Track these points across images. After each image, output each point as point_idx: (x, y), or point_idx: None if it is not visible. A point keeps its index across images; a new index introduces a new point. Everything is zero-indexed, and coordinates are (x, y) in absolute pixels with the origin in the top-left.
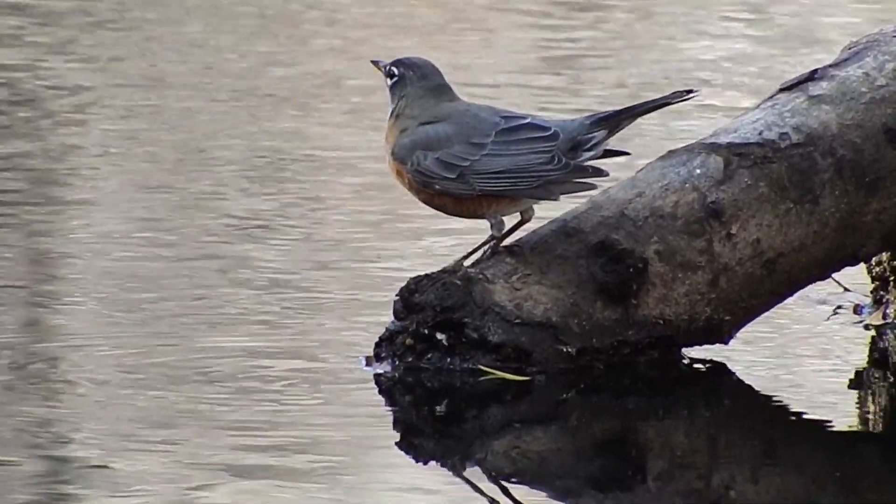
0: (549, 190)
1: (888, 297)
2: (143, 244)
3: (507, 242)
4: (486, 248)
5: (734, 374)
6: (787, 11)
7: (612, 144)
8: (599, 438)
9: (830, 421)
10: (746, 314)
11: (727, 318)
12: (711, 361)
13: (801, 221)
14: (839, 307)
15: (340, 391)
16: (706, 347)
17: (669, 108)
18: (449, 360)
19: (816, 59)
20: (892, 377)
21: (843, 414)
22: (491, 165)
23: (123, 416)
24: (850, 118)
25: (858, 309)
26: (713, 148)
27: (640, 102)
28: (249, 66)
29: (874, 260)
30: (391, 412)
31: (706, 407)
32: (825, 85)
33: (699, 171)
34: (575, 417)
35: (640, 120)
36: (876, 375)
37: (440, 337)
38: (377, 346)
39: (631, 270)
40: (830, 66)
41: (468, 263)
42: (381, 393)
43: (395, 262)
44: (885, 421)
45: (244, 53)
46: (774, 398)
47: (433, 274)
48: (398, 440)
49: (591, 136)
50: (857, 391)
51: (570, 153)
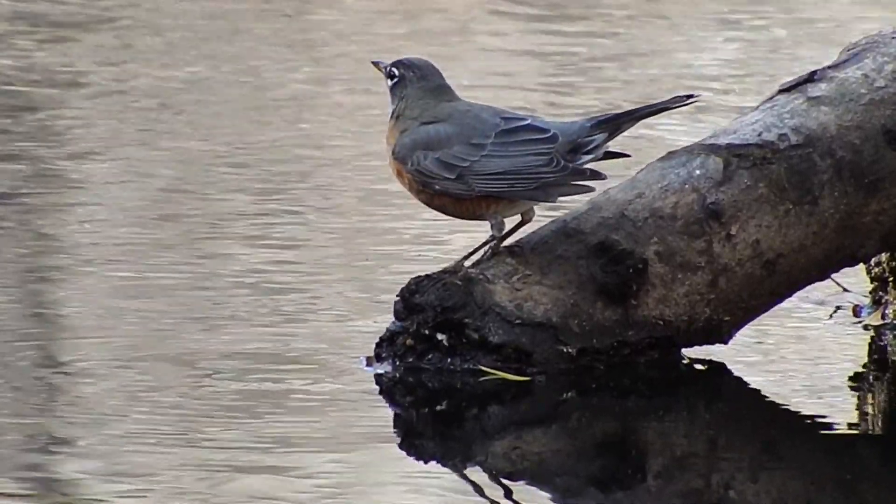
0: (547, 192)
1: (887, 297)
2: (143, 245)
3: (507, 243)
4: (486, 248)
5: (734, 374)
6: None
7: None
8: (600, 438)
9: (830, 421)
10: (746, 315)
11: (727, 318)
12: (711, 362)
13: (800, 222)
14: (838, 308)
15: (341, 391)
16: (706, 348)
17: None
18: (449, 360)
19: (817, 62)
20: (890, 377)
21: (842, 414)
22: (490, 166)
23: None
24: (849, 119)
25: (858, 309)
26: (713, 149)
27: (640, 106)
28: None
29: (873, 261)
30: (392, 412)
31: (706, 407)
32: (824, 86)
33: (699, 172)
34: (575, 418)
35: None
36: (875, 375)
37: (441, 337)
38: (378, 346)
39: (631, 271)
40: (829, 67)
41: (469, 264)
42: (381, 393)
43: (395, 262)
44: (884, 421)
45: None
46: (774, 398)
47: (434, 274)
48: (399, 440)
49: (590, 139)
50: (856, 391)
51: (569, 155)
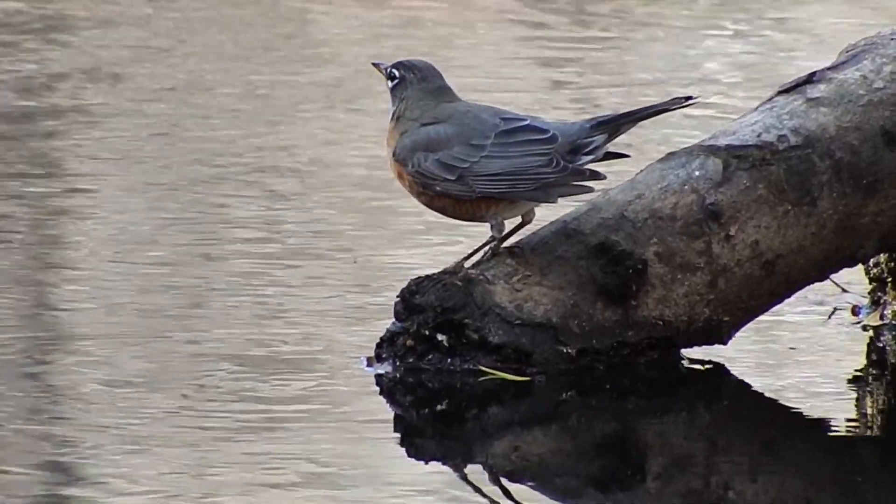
0: (547, 192)
1: (886, 298)
2: (144, 244)
3: (507, 244)
4: (486, 249)
5: (733, 374)
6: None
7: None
8: (599, 439)
9: (829, 421)
10: (745, 315)
11: (726, 318)
12: (710, 362)
13: (799, 223)
14: (837, 308)
15: (341, 391)
16: (705, 348)
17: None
18: (449, 360)
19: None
20: (889, 377)
21: (841, 414)
22: (490, 167)
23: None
24: (847, 120)
25: (856, 310)
26: (712, 150)
27: (640, 108)
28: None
29: (872, 261)
30: (392, 412)
31: (705, 407)
32: (823, 87)
33: (698, 173)
34: (575, 418)
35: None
36: (874, 376)
37: (441, 338)
38: (378, 346)
39: (630, 272)
40: (828, 68)
41: (469, 265)
42: (382, 393)
43: (395, 263)
44: (883, 421)
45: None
46: (773, 399)
47: (434, 275)
48: (399, 440)
49: (590, 139)
50: (855, 392)
51: (568, 156)
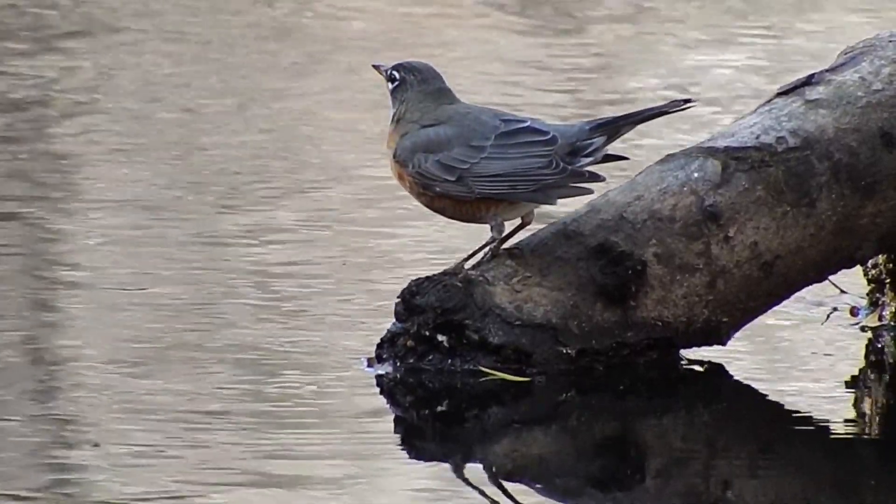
0: (546, 194)
1: (884, 299)
2: (145, 245)
3: (507, 245)
4: (486, 250)
5: (732, 375)
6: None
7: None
8: (599, 439)
9: (827, 422)
10: (744, 316)
11: (725, 319)
12: (709, 363)
13: (797, 224)
14: (835, 309)
15: (342, 392)
16: (704, 349)
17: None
18: (450, 361)
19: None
20: (888, 378)
21: (839, 415)
22: (489, 169)
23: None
24: (846, 122)
25: (855, 311)
26: (711, 152)
27: (638, 110)
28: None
29: (870, 262)
30: (393, 413)
31: (704, 407)
32: (822, 89)
33: (697, 174)
34: (575, 418)
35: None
36: (872, 377)
37: (441, 338)
38: (379, 347)
39: (630, 273)
40: (827, 70)
41: (469, 266)
42: (382, 394)
43: (396, 263)
44: (881, 422)
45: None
46: (772, 399)
47: (434, 276)
48: (399, 440)
49: (589, 141)
50: (853, 392)
51: (567, 158)
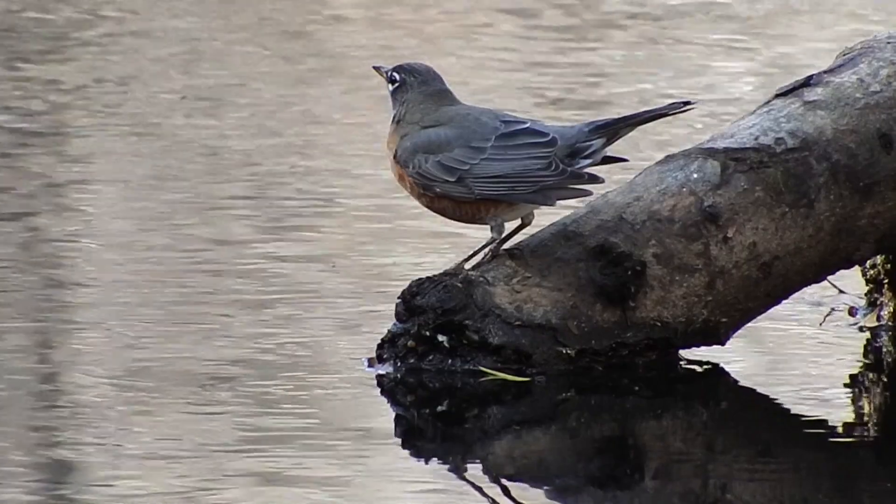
0: (545, 195)
1: (882, 299)
2: (146, 246)
3: (507, 246)
4: (486, 251)
5: (731, 375)
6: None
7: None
8: (598, 438)
9: (826, 422)
10: (743, 316)
11: (724, 320)
12: (708, 363)
13: (796, 225)
14: (834, 309)
15: (343, 392)
16: (703, 349)
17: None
18: (450, 361)
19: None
20: (886, 378)
21: (838, 415)
22: (489, 170)
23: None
24: (844, 123)
25: (853, 311)
26: (710, 153)
27: (638, 112)
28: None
29: (868, 263)
30: (393, 413)
31: (703, 408)
32: (820, 91)
33: (696, 175)
34: (574, 418)
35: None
36: (870, 377)
37: (441, 339)
38: (379, 347)
39: (629, 273)
40: (825, 72)
41: (469, 266)
42: (383, 394)
43: (396, 264)
44: (880, 422)
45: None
46: (770, 399)
47: (435, 277)
48: (400, 440)
49: (589, 143)
50: (851, 392)
51: (567, 159)
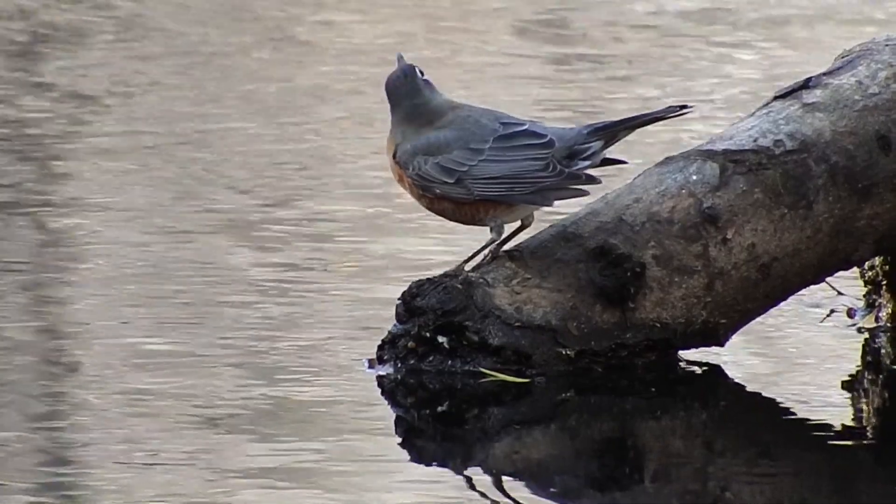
0: (544, 196)
1: (881, 300)
2: (147, 246)
3: (507, 247)
4: (486, 252)
5: (730, 376)
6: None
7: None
8: (598, 439)
9: (824, 423)
10: (742, 317)
11: (723, 321)
12: (707, 364)
13: (795, 226)
14: (833, 311)
15: (343, 392)
16: (702, 350)
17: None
18: (450, 362)
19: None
20: (884, 380)
21: (836, 416)
22: (488, 171)
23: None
24: (843, 125)
25: (851, 312)
26: (709, 154)
27: (635, 115)
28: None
29: (867, 264)
30: (393, 413)
31: (702, 408)
32: (819, 93)
33: (695, 177)
34: (574, 418)
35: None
36: (869, 378)
37: (441, 340)
38: (380, 348)
39: (629, 274)
40: (824, 74)
41: (469, 267)
42: (383, 394)
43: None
44: (878, 423)
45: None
46: (769, 400)
47: (435, 278)
48: (400, 441)
49: (587, 145)
50: (850, 393)
51: (565, 161)
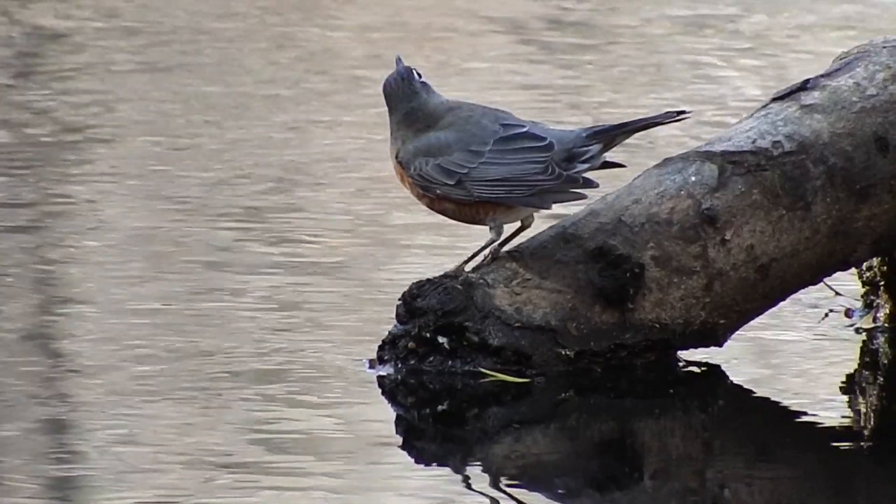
0: (542, 198)
1: (879, 301)
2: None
3: (507, 248)
4: (486, 253)
5: (728, 376)
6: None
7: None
8: (597, 439)
9: (823, 423)
10: (740, 318)
11: (722, 321)
12: (706, 364)
13: (793, 227)
14: (831, 311)
15: (344, 393)
16: (701, 350)
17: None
18: (450, 362)
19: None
20: (882, 380)
21: (835, 416)
22: (487, 173)
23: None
24: (841, 127)
25: (849, 313)
26: (708, 156)
27: (634, 119)
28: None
29: (865, 265)
30: (394, 413)
31: (701, 408)
32: (817, 94)
33: (694, 178)
34: (573, 418)
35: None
36: (867, 378)
37: (442, 340)
38: (380, 349)
39: (628, 275)
40: (822, 76)
41: (469, 268)
42: (383, 395)
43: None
44: (876, 423)
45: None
46: (768, 400)
47: (435, 278)
48: (400, 441)
49: (586, 148)
50: (848, 394)
51: (564, 164)
